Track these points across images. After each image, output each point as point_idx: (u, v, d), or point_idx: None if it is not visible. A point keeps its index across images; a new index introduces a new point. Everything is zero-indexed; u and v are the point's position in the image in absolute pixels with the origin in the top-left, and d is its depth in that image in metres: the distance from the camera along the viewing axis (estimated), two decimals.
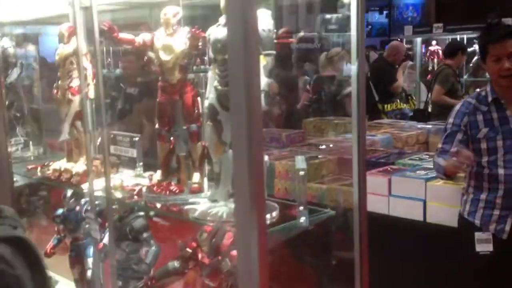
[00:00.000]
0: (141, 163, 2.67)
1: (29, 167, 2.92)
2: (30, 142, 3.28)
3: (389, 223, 3.77)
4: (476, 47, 9.49)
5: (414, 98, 6.11)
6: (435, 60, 9.44)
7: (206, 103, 1.98)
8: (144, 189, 2.35)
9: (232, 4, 1.53)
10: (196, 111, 2.23)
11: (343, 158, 3.85)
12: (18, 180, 2.86)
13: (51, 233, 2.99)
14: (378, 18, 13.83)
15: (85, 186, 2.53)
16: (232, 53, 1.56)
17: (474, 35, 9.12)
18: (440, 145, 3.13)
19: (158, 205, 2.30)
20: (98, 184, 2.51)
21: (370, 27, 13.18)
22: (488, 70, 3.11)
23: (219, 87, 1.88)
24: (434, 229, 3.61)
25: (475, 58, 7.72)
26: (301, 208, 1.78)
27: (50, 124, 3.28)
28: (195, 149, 2.25)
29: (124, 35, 2.22)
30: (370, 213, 2.30)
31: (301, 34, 5.51)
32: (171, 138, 2.34)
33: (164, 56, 2.19)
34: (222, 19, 1.89)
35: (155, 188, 2.28)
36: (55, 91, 2.87)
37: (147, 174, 2.58)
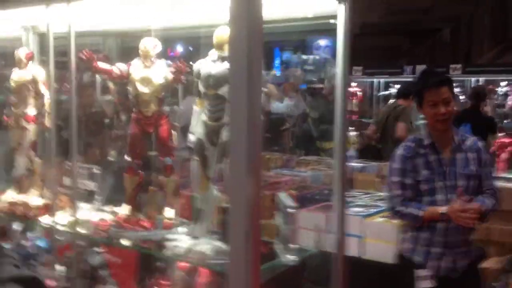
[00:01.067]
0: (100, 197, 2.57)
1: None
2: None
3: (325, 259, 3.84)
4: (391, 90, 10.11)
5: (349, 138, 6.31)
6: (354, 101, 9.89)
7: (192, 137, 1.95)
8: (111, 224, 2.25)
9: (237, 39, 1.54)
10: (171, 144, 2.20)
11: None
12: None
13: None
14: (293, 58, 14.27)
15: (43, 220, 2.38)
16: (235, 88, 1.56)
17: (391, 79, 9.73)
18: (396, 192, 3.21)
19: (128, 242, 2.21)
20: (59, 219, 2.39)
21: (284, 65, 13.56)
22: (425, 114, 3.29)
23: (209, 122, 1.87)
24: (371, 265, 3.72)
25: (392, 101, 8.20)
26: (290, 245, 1.78)
27: None
28: (169, 183, 2.20)
29: (102, 65, 2.16)
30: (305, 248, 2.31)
31: None
32: (140, 171, 2.29)
33: (142, 88, 2.15)
34: (214, 54, 1.89)
35: (123, 223, 2.20)
36: (5, 117, 2.71)
37: (107, 208, 2.47)
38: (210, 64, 1.88)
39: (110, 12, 2.35)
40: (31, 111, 2.60)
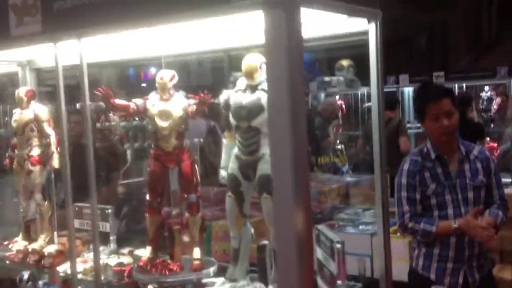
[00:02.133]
0: (114, 237, 2.43)
1: None
2: None
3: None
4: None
5: (344, 152, 6.27)
6: (339, 114, 9.87)
7: (224, 173, 1.84)
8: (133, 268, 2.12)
9: (275, 64, 1.45)
10: (195, 180, 2.08)
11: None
12: None
13: None
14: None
15: (60, 269, 2.23)
16: (276, 118, 1.46)
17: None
18: (405, 208, 3.14)
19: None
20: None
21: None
22: (428, 128, 3.24)
23: (243, 156, 1.76)
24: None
25: None
26: (340, 282, 1.68)
27: None
28: (195, 222, 2.08)
29: (119, 101, 2.04)
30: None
31: None
32: (162, 211, 2.16)
33: (161, 123, 2.03)
34: (242, 83, 1.79)
35: (148, 267, 2.06)
36: (7, 160, 2.56)
37: (125, 250, 2.34)
38: (240, 94, 1.78)
39: (119, 44, 2.25)
40: (35, 152, 2.45)
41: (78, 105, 2.55)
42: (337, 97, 9.98)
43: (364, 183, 5.06)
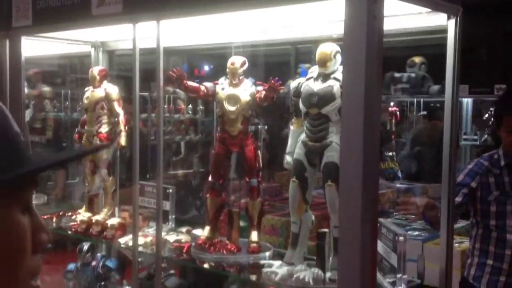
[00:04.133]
0: (173, 216, 2.50)
1: (44, 216, 2.66)
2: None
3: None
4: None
5: (395, 159, 6.20)
6: (393, 121, 9.76)
7: (289, 158, 1.87)
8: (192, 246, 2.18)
9: (354, 53, 1.46)
10: (258, 165, 2.12)
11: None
12: None
13: None
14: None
15: (121, 241, 2.32)
16: (350, 106, 1.48)
17: (431, 99, 9.58)
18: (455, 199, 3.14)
19: (206, 265, 2.13)
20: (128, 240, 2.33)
21: None
22: (502, 137, 3.18)
23: (310, 143, 1.79)
24: None
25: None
26: (399, 276, 1.68)
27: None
28: (254, 206, 2.12)
29: (191, 83, 2.10)
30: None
31: None
32: (223, 193, 2.21)
33: (229, 107, 2.08)
34: (315, 71, 1.82)
35: (206, 246, 2.12)
36: (76, 136, 2.67)
37: (184, 229, 2.40)
38: (311, 82, 1.81)
39: (195, 29, 2.32)
40: (104, 129, 2.55)
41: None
42: (392, 103, 9.89)
43: (416, 191, 5.00)
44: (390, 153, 6.02)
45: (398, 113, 9.75)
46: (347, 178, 1.51)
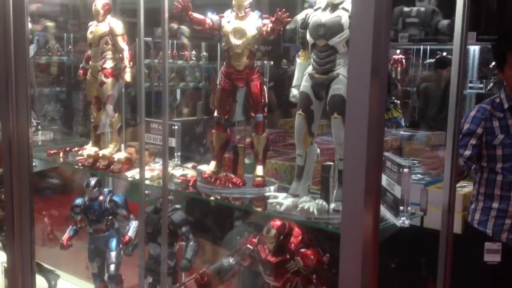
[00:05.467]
0: (179, 153, 2.52)
1: (51, 151, 2.68)
2: (39, 126, 3.02)
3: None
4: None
5: (399, 107, 6.19)
6: (399, 69, 9.68)
7: (295, 91, 1.87)
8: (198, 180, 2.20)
9: None
10: (263, 100, 2.12)
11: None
12: (37, 165, 2.62)
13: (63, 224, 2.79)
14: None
15: (128, 174, 2.35)
16: (357, 37, 1.46)
17: (438, 47, 9.47)
18: (460, 152, 3.15)
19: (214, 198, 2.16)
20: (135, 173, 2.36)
21: None
22: (506, 77, 3.16)
23: (317, 75, 1.78)
24: (433, 235, 3.68)
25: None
26: (402, 208, 1.70)
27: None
28: (260, 140, 2.13)
29: (196, 15, 2.07)
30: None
31: None
32: (228, 128, 2.22)
33: (235, 41, 2.06)
34: (323, 1, 1.79)
35: (212, 180, 2.14)
36: (81, 71, 2.66)
37: (189, 164, 2.43)
38: (319, 12, 1.78)
39: None
40: (109, 65, 2.54)
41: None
42: (398, 51, 9.78)
43: (419, 138, 5.01)
44: (395, 101, 6.00)
45: (403, 61, 9.68)
46: (353, 110, 1.51)
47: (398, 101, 6.84)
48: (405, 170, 1.67)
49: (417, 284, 3.67)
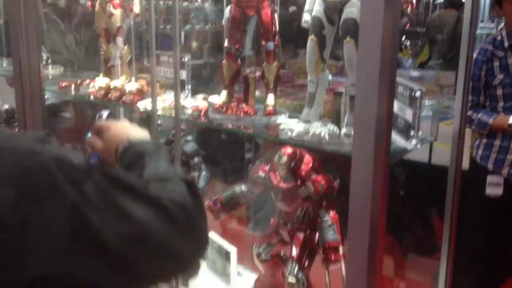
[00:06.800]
0: (189, 86, 2.52)
1: (63, 84, 2.69)
2: (49, 60, 3.03)
3: (393, 164, 3.82)
4: None
5: (408, 47, 6.10)
6: (408, 9, 9.47)
7: (307, 16, 1.85)
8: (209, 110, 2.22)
9: None
10: (274, 28, 2.10)
11: None
12: (49, 98, 2.64)
13: None
14: None
15: (140, 105, 2.37)
16: None
17: None
18: (470, 97, 3.14)
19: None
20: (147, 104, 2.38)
21: None
22: (506, 13, 3.10)
23: None
24: (440, 170, 3.72)
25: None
26: (413, 132, 1.72)
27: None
28: (270, 70, 2.13)
29: None
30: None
31: None
32: (239, 58, 2.22)
33: None
34: None
35: (223, 109, 2.16)
36: (89, 3, 2.64)
37: (200, 96, 2.44)
38: None
39: None
40: None
41: None
42: None
43: (428, 79, 4.99)
44: (404, 41, 5.93)
45: (414, 0, 9.47)
46: (366, 34, 1.50)
47: (408, 41, 6.76)
48: (417, 93, 1.67)
49: (423, 218, 3.75)
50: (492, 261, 3.40)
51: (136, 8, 2.45)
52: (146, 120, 2.33)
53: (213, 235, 2.44)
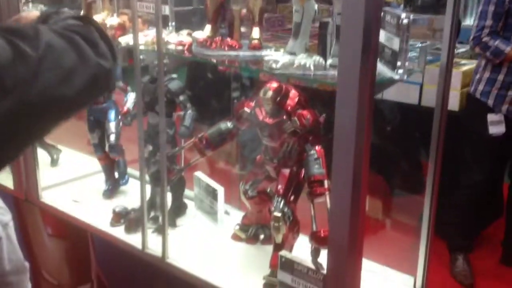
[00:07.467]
0: (173, 23, 2.46)
1: None
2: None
3: (384, 106, 3.81)
4: None
5: None
6: None
7: None
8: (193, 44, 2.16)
9: None
10: None
11: None
12: None
13: None
14: None
15: (122, 40, 2.30)
16: None
17: None
18: (487, 23, 3.06)
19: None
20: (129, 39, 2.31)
21: None
22: None
23: None
24: (430, 112, 3.72)
25: None
26: (399, 63, 1.67)
27: None
28: (256, 2, 2.06)
29: None
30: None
31: None
32: None
33: None
34: None
35: (208, 43, 2.10)
36: None
37: (184, 32, 2.37)
38: None
39: None
40: None
41: None
42: None
43: (421, 22, 4.91)
44: None
45: None
46: None
47: None
48: (405, 21, 1.62)
49: (411, 158, 3.76)
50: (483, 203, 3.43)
51: None
52: (129, 55, 2.27)
53: (200, 174, 2.42)
